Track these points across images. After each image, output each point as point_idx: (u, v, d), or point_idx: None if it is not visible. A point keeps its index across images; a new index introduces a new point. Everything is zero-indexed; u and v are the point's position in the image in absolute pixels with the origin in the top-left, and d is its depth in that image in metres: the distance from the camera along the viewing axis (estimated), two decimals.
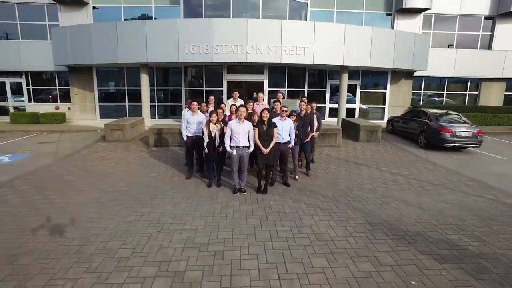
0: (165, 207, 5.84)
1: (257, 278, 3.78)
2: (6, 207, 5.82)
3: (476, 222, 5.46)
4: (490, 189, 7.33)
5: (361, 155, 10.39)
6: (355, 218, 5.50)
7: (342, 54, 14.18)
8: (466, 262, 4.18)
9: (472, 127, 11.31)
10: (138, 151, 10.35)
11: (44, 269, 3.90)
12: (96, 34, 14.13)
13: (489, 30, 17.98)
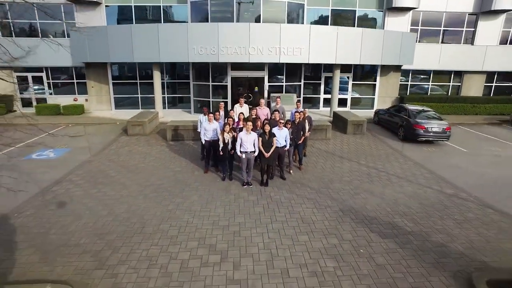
0: (193, 198, 7.99)
1: (262, 248, 5.97)
2: (76, 198, 7.94)
3: (418, 209, 7.65)
4: (440, 181, 9.49)
5: (346, 148, 12.49)
6: (332, 206, 7.67)
7: (335, 53, 15.93)
8: (399, 237, 6.38)
9: (442, 123, 13.33)
10: (158, 145, 12.40)
11: (125, 243, 6.07)
12: (112, 36, 15.76)
13: (472, 26, 19.54)
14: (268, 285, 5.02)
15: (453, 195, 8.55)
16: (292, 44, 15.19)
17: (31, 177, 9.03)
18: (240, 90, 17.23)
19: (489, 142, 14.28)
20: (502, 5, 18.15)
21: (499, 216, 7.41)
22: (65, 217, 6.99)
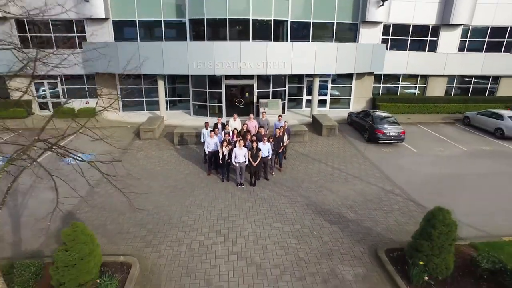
0: (201, 197, 11.17)
1: (251, 232, 9.22)
2: (114, 198, 11.03)
3: (361, 203, 10.97)
4: (385, 179, 12.84)
5: (320, 150, 15.74)
6: (300, 201, 10.94)
7: (314, 65, 18.89)
8: (341, 224, 9.71)
9: (398, 128, 16.58)
10: (168, 150, 15.45)
11: (160, 230, 9.26)
12: (122, 51, 18.38)
13: (435, 36, 22.51)
14: (254, 254, 8.31)
15: (390, 191, 11.91)
16: (277, 59, 18.08)
17: (77, 180, 12.06)
18: (240, 103, 20.22)
19: (437, 142, 17.67)
20: (459, 20, 21.14)
21: (415, 207, 10.79)
22: (112, 212, 10.12)
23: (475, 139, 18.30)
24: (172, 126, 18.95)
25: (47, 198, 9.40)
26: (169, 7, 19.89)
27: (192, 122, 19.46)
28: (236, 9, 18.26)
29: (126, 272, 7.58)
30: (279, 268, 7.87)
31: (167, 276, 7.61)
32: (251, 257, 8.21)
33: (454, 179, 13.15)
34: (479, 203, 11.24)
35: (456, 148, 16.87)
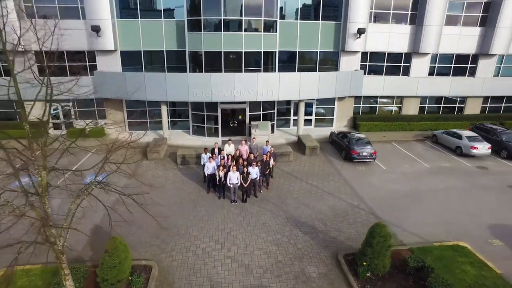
0: (202, 212, 13.98)
1: (242, 241, 12.04)
2: (130, 215, 13.75)
3: (331, 216, 13.85)
4: (354, 195, 15.73)
5: (302, 169, 18.63)
6: (282, 215, 13.79)
7: (298, 92, 21.81)
8: (313, 234, 12.57)
9: (371, 149, 19.50)
10: (172, 169, 18.23)
11: (171, 240, 12.04)
12: (129, 80, 21.17)
13: (408, 62, 25.60)
14: (244, 258, 11.12)
15: (356, 206, 14.81)
16: (266, 87, 20.96)
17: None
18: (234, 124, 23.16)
19: (405, 159, 20.65)
20: (427, 49, 24.26)
21: (374, 220, 13.67)
22: (131, 227, 12.87)
23: (439, 156, 21.32)
24: (174, 146, 21.77)
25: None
26: (170, 39, 22.73)
27: (192, 142, 22.29)
28: (230, 43, 21.15)
29: (149, 272, 10.37)
30: (262, 268, 10.71)
31: (178, 275, 10.41)
32: (242, 260, 11.03)
33: (411, 194, 16.10)
34: (425, 215, 14.18)
35: (420, 165, 19.87)
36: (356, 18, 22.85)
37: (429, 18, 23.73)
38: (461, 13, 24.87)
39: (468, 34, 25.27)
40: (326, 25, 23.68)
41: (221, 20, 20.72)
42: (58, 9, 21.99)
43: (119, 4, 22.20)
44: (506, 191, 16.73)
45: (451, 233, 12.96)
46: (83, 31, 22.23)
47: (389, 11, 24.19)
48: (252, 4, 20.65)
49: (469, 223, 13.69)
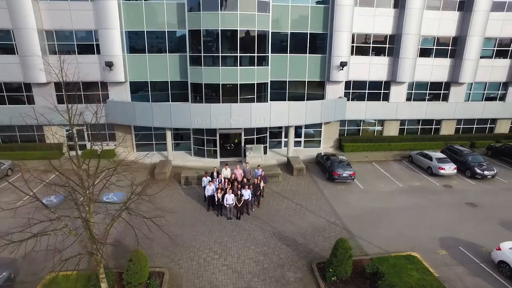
0: (203, 228, 17.06)
1: (236, 252, 15.10)
2: (145, 229, 16.80)
3: (310, 231, 16.93)
4: (332, 213, 18.82)
5: (289, 189, 21.74)
6: (269, 230, 16.88)
7: (288, 119, 25.02)
8: (294, 246, 15.63)
9: (350, 170, 22.63)
10: (177, 190, 21.32)
11: (178, 252, 15.09)
12: (138, 109, 24.39)
13: (387, 89, 28.94)
14: (237, 266, 14.17)
15: (332, 222, 17.90)
16: (259, 115, 24.17)
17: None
18: (231, 147, 26.32)
19: (382, 179, 23.79)
20: (403, 79, 27.62)
21: (346, 234, 16.75)
22: (145, 240, 15.89)
23: (412, 176, 24.49)
24: (178, 166, 24.92)
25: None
26: (174, 71, 26.02)
27: (193, 163, 25.45)
28: (227, 76, 24.41)
29: (162, 277, 13.42)
30: (251, 273, 13.77)
31: (185, 279, 13.46)
32: (235, 267, 14.10)
33: (381, 212, 19.20)
34: (390, 230, 17.26)
35: (394, 184, 23.02)
36: (339, 52, 26.20)
37: (404, 51, 27.12)
38: (433, 46, 28.31)
39: (440, 65, 28.70)
40: (313, 58, 27.04)
41: (219, 57, 24.03)
42: (76, 46, 25.32)
43: (128, 41, 25.52)
44: (462, 208, 19.87)
45: (408, 245, 16.03)
46: (97, 64, 25.55)
47: (369, 45, 27.60)
48: (246, 42, 23.99)
49: (424, 236, 16.77)
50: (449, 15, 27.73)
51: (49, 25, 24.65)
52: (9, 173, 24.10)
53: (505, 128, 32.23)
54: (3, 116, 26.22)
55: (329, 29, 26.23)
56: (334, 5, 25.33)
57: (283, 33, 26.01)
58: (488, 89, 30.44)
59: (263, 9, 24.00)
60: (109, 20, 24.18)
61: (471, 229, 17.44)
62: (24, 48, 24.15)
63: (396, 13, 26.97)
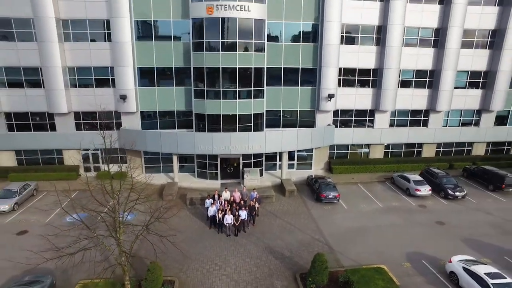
0: (206, 243, 20.39)
1: (233, 264, 18.41)
2: (157, 245, 20.11)
3: (297, 247, 20.23)
4: (317, 231, 22.13)
5: (281, 209, 25.09)
6: (262, 246, 20.19)
7: (281, 145, 28.53)
8: (282, 259, 18.92)
9: (335, 192, 25.98)
10: (183, 209, 24.66)
11: (186, 263, 18.40)
12: (149, 137, 27.99)
13: (372, 116, 32.51)
14: (234, 275, 17.46)
15: (316, 239, 21.19)
16: (255, 143, 27.68)
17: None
18: (230, 170, 29.80)
19: (365, 199, 27.11)
20: (386, 108, 31.21)
21: (327, 249, 20.02)
22: (158, 253, 19.21)
23: (392, 196, 27.82)
24: (183, 188, 28.35)
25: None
26: (180, 102, 29.68)
27: (197, 185, 28.90)
28: (227, 108, 28.03)
29: (173, 285, 16.70)
30: (245, 282, 17.05)
31: (191, 287, 16.74)
32: (233, 277, 17.40)
33: (361, 230, 22.46)
34: (365, 246, 20.51)
35: (375, 204, 26.33)
36: (327, 85, 29.87)
37: (386, 83, 30.75)
38: (412, 78, 32.01)
39: (419, 95, 32.34)
40: (304, 90, 30.70)
41: (220, 91, 27.70)
42: (94, 80, 29.10)
43: (140, 76, 29.27)
44: (431, 226, 23.14)
45: (379, 259, 19.28)
46: (112, 96, 29.27)
47: (354, 78, 31.30)
48: (244, 77, 27.69)
49: (394, 251, 20.02)
50: (426, 51, 31.49)
51: (72, 63, 28.48)
52: (34, 193, 27.51)
53: (481, 150, 35.66)
54: (28, 141, 29.95)
55: (318, 65, 29.95)
56: (322, 44, 29.10)
57: (277, 68, 29.72)
58: (464, 115, 34.01)
59: (259, 49, 27.79)
60: (124, 58, 28.00)
61: (435, 245, 20.69)
62: (49, 83, 27.90)
63: (378, 50, 30.72)
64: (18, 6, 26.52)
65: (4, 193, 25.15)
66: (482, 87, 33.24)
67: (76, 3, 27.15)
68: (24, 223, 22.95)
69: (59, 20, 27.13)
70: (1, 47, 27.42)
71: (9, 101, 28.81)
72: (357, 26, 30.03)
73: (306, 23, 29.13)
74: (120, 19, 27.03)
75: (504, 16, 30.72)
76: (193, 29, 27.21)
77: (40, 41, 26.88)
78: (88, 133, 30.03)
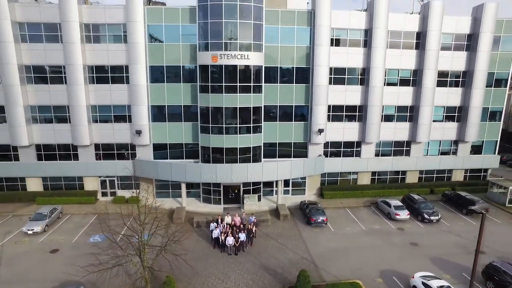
0: (211, 261, 24.58)
1: (234, 278, 22.54)
2: (171, 262, 24.29)
3: (287, 264, 24.35)
4: (305, 251, 26.25)
5: (275, 231, 29.28)
6: (258, 263, 24.33)
7: (276, 174, 32.94)
8: (274, 275, 23.04)
9: (323, 217, 30.17)
10: (191, 231, 28.89)
11: (194, 278, 22.58)
12: (160, 167, 32.54)
13: (359, 147, 36.96)
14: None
15: (304, 258, 25.31)
16: (254, 172, 32.12)
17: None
18: (232, 196, 34.20)
19: (350, 223, 31.24)
20: (371, 140, 35.71)
21: (313, 267, 24.10)
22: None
23: (374, 220, 31.93)
24: (190, 212, 32.68)
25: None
26: (188, 136, 34.34)
27: (202, 209, 33.24)
28: (229, 142, 32.61)
29: None
30: None
31: None
32: None
33: (344, 250, 26.53)
34: (346, 264, 24.57)
35: (359, 227, 30.45)
36: (318, 121, 34.47)
37: (371, 118, 35.32)
38: (394, 113, 36.59)
39: (401, 128, 36.87)
40: (297, 125, 35.33)
41: (223, 127, 32.36)
42: (113, 116, 33.92)
43: (152, 113, 34.04)
44: (406, 247, 27.18)
45: (356, 275, 23.31)
46: (128, 130, 34.02)
47: (342, 113, 35.94)
48: (244, 115, 32.36)
49: (370, 268, 24.05)
50: (405, 90, 36.20)
51: (94, 101, 33.38)
52: (60, 215, 31.89)
53: (460, 176, 39.86)
54: (54, 169, 34.61)
55: (310, 103, 34.65)
56: (313, 85, 33.89)
57: (273, 106, 34.44)
58: (442, 145, 38.41)
59: (257, 90, 32.57)
60: (140, 98, 32.87)
61: (406, 263, 24.70)
62: (75, 119, 32.71)
63: (363, 89, 35.45)
64: (52, 59, 31.69)
65: (36, 216, 29.56)
66: (458, 120, 37.74)
67: (100, 52, 32.27)
68: (54, 243, 27.24)
69: (85, 66, 32.16)
70: (36, 89, 32.44)
71: (40, 135, 33.64)
72: (343, 69, 34.87)
73: (299, 67, 34.00)
74: (137, 65, 32.03)
75: (472, 60, 35.50)
76: (200, 73, 32.10)
77: (69, 84, 31.84)
78: (106, 162, 34.76)
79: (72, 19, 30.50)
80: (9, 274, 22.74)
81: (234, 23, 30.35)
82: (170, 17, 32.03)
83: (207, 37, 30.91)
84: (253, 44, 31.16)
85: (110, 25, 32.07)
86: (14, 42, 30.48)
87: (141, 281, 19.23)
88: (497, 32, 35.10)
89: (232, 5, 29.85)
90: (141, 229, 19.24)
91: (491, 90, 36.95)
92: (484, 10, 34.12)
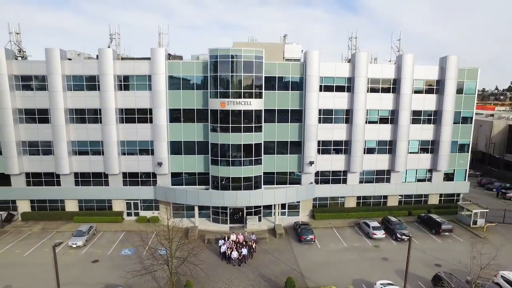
0: (219, 270, 32.04)
1: (237, 284, 29.91)
2: (186, 271, 31.84)
3: (279, 274, 31.67)
4: (296, 264, 33.58)
5: (272, 247, 36.72)
6: (256, 273, 31.72)
7: (274, 199, 40.53)
8: (270, 282, 30.44)
9: (312, 235, 37.54)
10: (203, 247, 36.43)
11: (206, 283, 30.11)
12: (177, 192, 40.38)
13: (345, 176, 44.41)
14: None
15: (294, 269, 32.66)
16: (254, 198, 39.73)
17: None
18: (237, 217, 41.84)
19: (335, 241, 38.53)
20: (355, 170, 43.18)
21: (300, 277, 31.40)
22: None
23: (356, 239, 39.17)
24: (202, 230, 40.30)
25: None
26: (200, 166, 42.22)
27: (212, 228, 40.85)
28: (235, 172, 40.35)
29: None
30: None
31: None
32: None
33: (327, 263, 33.84)
34: (327, 274, 31.87)
35: (341, 244, 37.69)
36: (309, 154, 42.16)
37: (354, 151, 42.90)
38: (375, 146, 44.15)
39: (381, 159, 44.34)
40: (292, 157, 43.03)
41: (230, 160, 40.18)
42: (138, 150, 42.02)
43: (171, 147, 42.06)
44: (378, 261, 34.35)
45: (333, 282, 30.54)
46: (150, 162, 42.05)
47: (330, 147, 43.59)
48: (247, 150, 40.17)
49: (345, 277, 31.24)
50: (385, 127, 43.79)
51: (123, 138, 41.52)
52: (95, 232, 39.73)
53: (435, 200, 46.99)
54: (88, 193, 42.65)
55: (302, 138, 42.39)
56: (305, 124, 41.70)
57: (271, 142, 42.24)
58: (419, 174, 45.71)
59: (258, 130, 40.45)
60: (161, 135, 40.94)
61: (374, 274, 31.85)
62: (107, 152, 40.84)
63: (348, 127, 43.14)
64: (91, 103, 40.14)
65: (78, 232, 37.43)
66: (431, 152, 45.12)
67: (129, 98, 40.55)
68: (94, 255, 34.99)
69: (117, 109, 40.44)
70: (77, 127, 40.76)
71: (78, 165, 41.81)
72: (331, 110, 42.66)
73: (293, 109, 41.86)
74: (159, 109, 40.20)
75: (441, 101, 43.07)
76: (210, 116, 40.13)
77: (104, 124, 40.09)
78: (132, 188, 42.75)
79: (108, 72, 38.93)
80: (67, 278, 30.47)
81: (239, 76, 38.46)
82: (186, 69, 40.29)
83: (217, 87, 38.99)
84: (254, 92, 39.19)
85: (138, 76, 40.39)
86: (62, 91, 38.94)
87: (168, 284, 26.74)
88: (460, 78, 42.74)
89: (238, 62, 38.02)
90: (169, 245, 26.80)
91: (459, 126, 44.37)
92: (447, 61, 41.86)
